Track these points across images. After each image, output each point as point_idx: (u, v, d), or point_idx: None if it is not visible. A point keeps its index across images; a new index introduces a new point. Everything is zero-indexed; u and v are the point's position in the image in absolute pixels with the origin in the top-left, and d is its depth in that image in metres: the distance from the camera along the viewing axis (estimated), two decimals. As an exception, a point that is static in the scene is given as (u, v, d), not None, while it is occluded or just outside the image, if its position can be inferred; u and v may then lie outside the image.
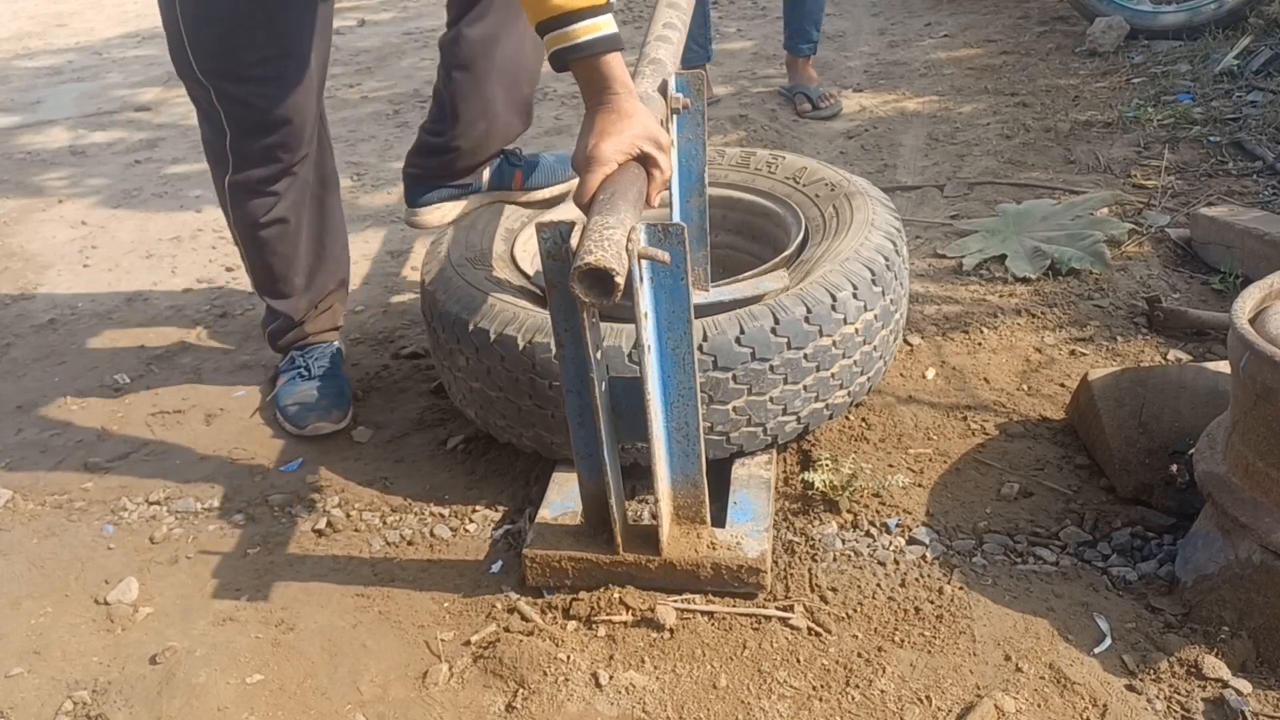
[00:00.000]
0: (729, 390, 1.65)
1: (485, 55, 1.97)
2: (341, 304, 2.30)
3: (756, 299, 1.76)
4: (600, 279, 1.19)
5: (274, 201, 2.03)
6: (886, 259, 1.80)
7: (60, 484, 2.04)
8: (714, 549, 1.56)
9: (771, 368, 1.66)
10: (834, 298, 1.69)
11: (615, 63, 1.42)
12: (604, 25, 1.41)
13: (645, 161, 1.43)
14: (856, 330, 1.73)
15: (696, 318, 1.70)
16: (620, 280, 1.18)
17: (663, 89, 1.59)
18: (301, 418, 2.09)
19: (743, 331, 1.63)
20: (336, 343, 2.28)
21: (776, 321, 1.64)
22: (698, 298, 1.81)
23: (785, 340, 1.65)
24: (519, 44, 1.88)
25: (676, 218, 1.82)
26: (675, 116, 1.68)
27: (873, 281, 1.76)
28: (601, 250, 1.19)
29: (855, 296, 1.72)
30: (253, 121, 1.92)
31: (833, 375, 1.73)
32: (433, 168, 2.08)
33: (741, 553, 1.56)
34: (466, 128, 2.01)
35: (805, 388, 1.71)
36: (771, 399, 1.69)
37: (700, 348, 1.61)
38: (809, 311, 1.66)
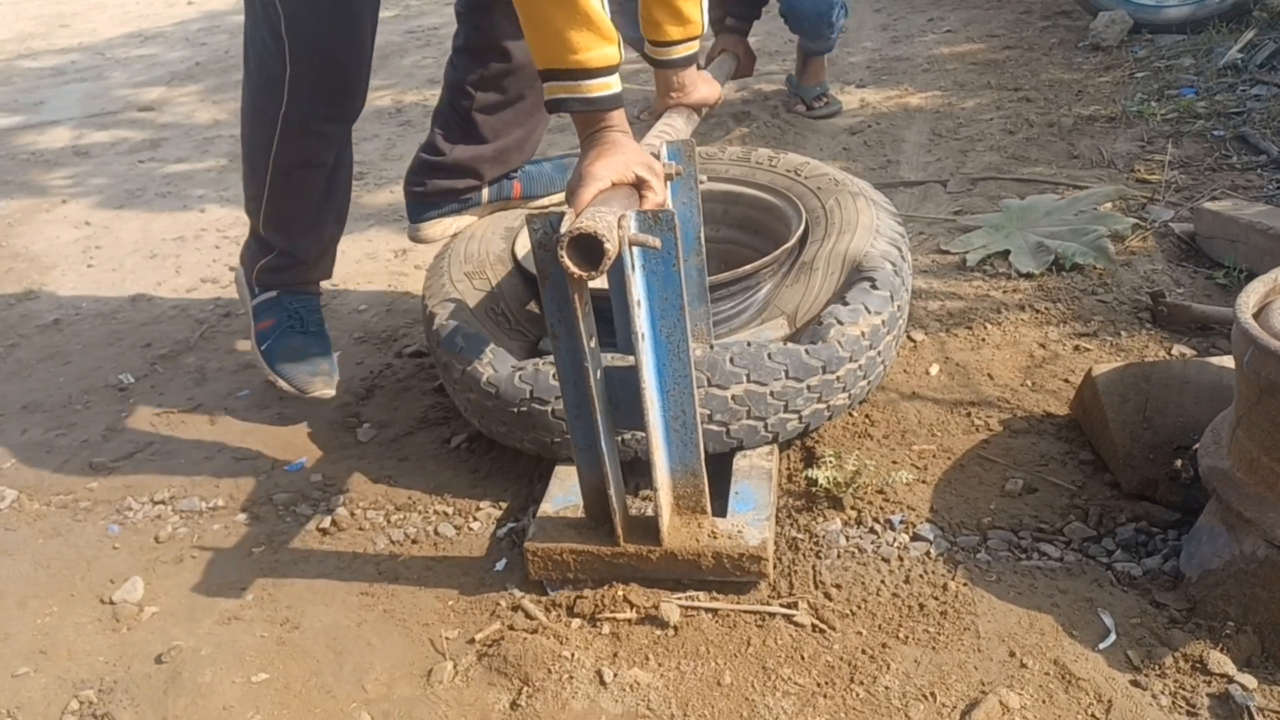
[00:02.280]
0: (727, 374, 1.67)
1: (533, 88, 1.99)
2: (335, 249, 2.22)
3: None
4: (589, 246, 1.20)
5: (322, 144, 2.00)
6: (893, 264, 1.81)
7: (65, 484, 2.04)
8: (715, 538, 1.56)
9: (770, 356, 1.67)
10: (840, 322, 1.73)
11: (617, 114, 1.48)
12: (614, 84, 1.45)
13: (639, 186, 1.44)
14: (863, 334, 1.74)
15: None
16: (610, 248, 1.19)
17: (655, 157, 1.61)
18: (303, 380, 2.05)
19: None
20: (319, 295, 2.23)
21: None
22: (700, 350, 1.82)
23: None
24: None
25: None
26: (668, 184, 1.70)
27: (874, 286, 1.77)
28: (591, 221, 1.20)
29: (867, 309, 1.75)
30: (318, 56, 1.88)
31: (838, 377, 1.74)
32: (436, 186, 2.10)
33: (743, 541, 1.55)
34: (483, 154, 2.04)
35: (809, 387, 1.71)
36: (773, 393, 1.69)
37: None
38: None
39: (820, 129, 3.57)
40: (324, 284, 2.27)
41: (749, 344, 1.68)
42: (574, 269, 1.23)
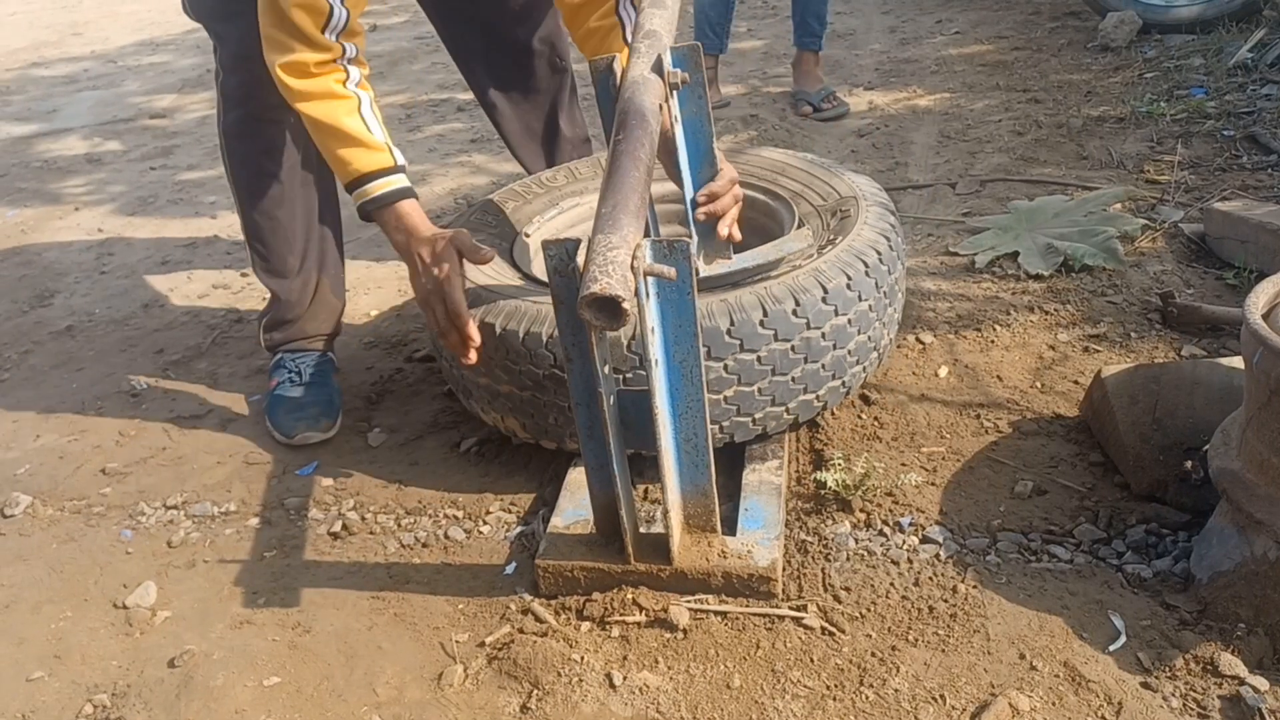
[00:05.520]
0: (755, 372, 1.68)
1: None
2: (337, 300, 2.29)
3: (779, 262, 1.78)
4: (608, 306, 1.20)
5: (261, 146, 2.06)
6: (879, 252, 1.81)
7: (79, 489, 2.06)
8: (725, 558, 1.56)
9: (793, 348, 1.68)
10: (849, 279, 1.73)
11: (407, 208, 1.74)
12: (393, 183, 1.74)
13: (460, 249, 1.69)
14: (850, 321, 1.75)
15: (722, 285, 1.73)
16: (628, 307, 1.19)
17: (658, 66, 1.58)
18: (289, 426, 2.11)
19: (765, 315, 1.65)
20: (329, 353, 2.29)
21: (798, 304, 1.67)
22: (722, 266, 1.82)
23: (833, 308, 1.68)
24: None
25: (688, 191, 1.83)
26: (675, 92, 1.67)
27: (866, 272, 1.76)
28: (607, 277, 1.18)
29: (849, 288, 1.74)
30: (232, 55, 1.99)
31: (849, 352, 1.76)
32: None
33: (753, 561, 1.56)
34: None
35: (824, 366, 1.73)
36: (793, 379, 1.71)
37: (728, 332, 1.63)
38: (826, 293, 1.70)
39: (828, 131, 3.57)
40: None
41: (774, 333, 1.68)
42: (595, 323, 1.23)
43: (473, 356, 1.67)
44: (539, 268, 1.90)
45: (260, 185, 2.10)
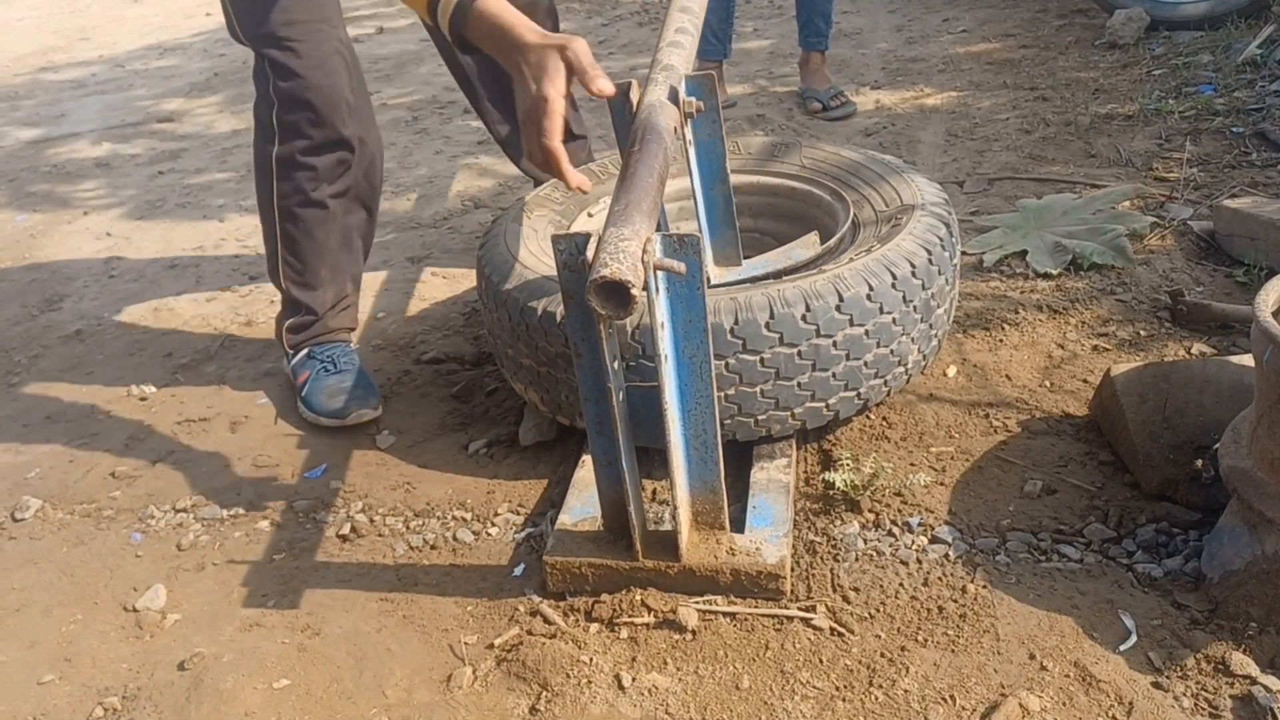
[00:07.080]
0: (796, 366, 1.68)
1: None
2: (356, 304, 2.33)
3: (790, 270, 1.80)
4: (617, 292, 1.20)
5: (315, 179, 2.09)
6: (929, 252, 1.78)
7: (89, 492, 2.06)
8: (733, 555, 1.56)
9: (835, 343, 1.68)
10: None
11: (484, 7, 1.51)
12: None
13: (570, 65, 1.46)
14: (894, 320, 1.73)
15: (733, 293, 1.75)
16: (637, 293, 1.19)
17: (673, 95, 1.62)
18: (340, 407, 2.12)
19: (808, 309, 1.65)
20: (353, 345, 2.31)
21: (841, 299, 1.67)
22: (731, 274, 1.87)
23: (848, 317, 1.68)
24: None
25: (701, 209, 1.86)
26: (689, 120, 1.70)
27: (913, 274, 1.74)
28: (617, 263, 1.19)
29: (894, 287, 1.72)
30: (292, 87, 2.00)
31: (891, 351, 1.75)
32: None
33: (761, 558, 1.56)
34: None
35: (867, 363, 1.73)
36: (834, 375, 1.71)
37: (768, 324, 1.63)
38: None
39: (835, 131, 3.56)
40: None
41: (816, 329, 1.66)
42: (602, 311, 1.23)
43: (572, 182, 1.51)
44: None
45: (305, 212, 2.14)
